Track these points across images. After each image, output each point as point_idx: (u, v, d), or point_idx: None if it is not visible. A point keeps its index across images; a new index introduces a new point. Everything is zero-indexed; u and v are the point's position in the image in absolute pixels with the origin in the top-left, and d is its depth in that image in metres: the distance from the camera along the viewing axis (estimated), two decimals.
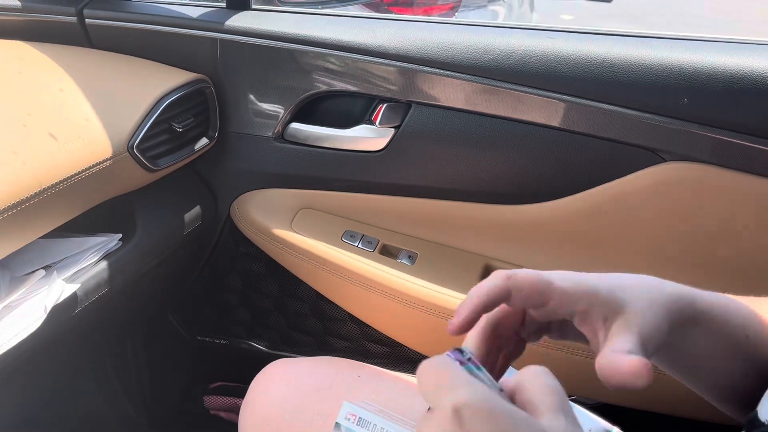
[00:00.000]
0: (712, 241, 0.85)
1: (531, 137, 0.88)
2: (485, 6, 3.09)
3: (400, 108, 0.93)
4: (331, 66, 0.93)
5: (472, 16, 2.91)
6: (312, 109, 0.97)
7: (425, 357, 1.08)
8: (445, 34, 0.90)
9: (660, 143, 0.82)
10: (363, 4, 2.52)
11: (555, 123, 0.86)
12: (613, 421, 0.65)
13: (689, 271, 0.88)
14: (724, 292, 0.87)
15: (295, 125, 0.98)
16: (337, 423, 0.67)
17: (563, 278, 0.42)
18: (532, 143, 0.88)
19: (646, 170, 0.83)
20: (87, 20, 0.98)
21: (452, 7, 2.78)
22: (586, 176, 0.87)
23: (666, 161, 0.83)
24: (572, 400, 0.67)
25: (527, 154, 0.89)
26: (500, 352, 0.46)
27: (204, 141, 0.97)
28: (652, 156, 0.83)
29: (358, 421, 0.66)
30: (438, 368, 0.34)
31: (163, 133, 0.89)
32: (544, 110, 0.85)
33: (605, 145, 0.85)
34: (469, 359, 0.37)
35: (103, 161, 0.80)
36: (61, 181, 0.73)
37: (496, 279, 0.41)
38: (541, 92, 0.85)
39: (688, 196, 0.83)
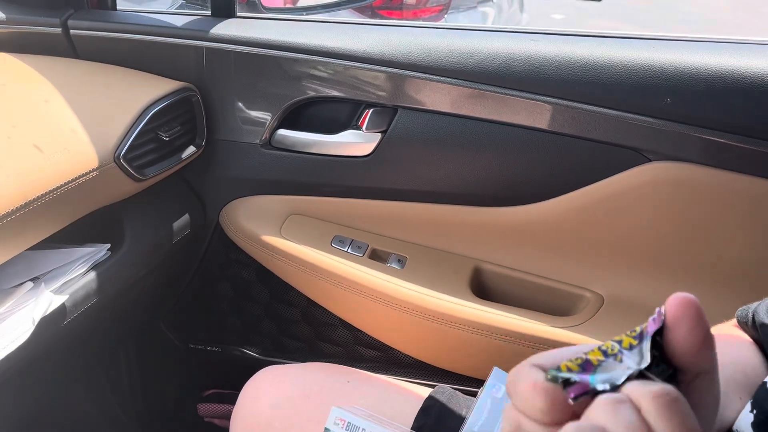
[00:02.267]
0: (696, 239, 0.86)
1: (516, 140, 0.88)
2: (475, 7, 3.10)
3: (387, 113, 0.93)
4: (316, 72, 0.93)
5: (461, 18, 2.92)
6: (299, 116, 0.98)
7: (417, 360, 1.08)
8: (429, 39, 0.91)
9: (644, 143, 0.83)
10: (352, 8, 2.53)
11: (540, 125, 0.86)
12: None
13: (675, 270, 0.88)
14: (708, 288, 0.88)
15: (282, 132, 0.98)
16: (326, 428, 0.67)
17: None
18: (518, 145, 0.88)
19: (632, 170, 0.84)
20: (72, 31, 0.98)
21: (441, 9, 2.79)
22: (572, 177, 0.87)
23: (651, 161, 0.83)
24: None
25: (513, 156, 0.89)
26: None
27: (191, 149, 0.97)
28: (637, 156, 0.84)
29: (347, 425, 0.67)
30: None
31: (150, 142, 0.90)
32: (528, 112, 0.86)
33: (590, 146, 0.85)
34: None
35: (90, 172, 0.80)
36: (47, 193, 0.73)
37: None
38: (525, 95, 0.85)
39: (674, 196, 0.84)
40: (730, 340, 0.55)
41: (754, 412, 0.44)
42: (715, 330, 0.56)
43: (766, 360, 0.53)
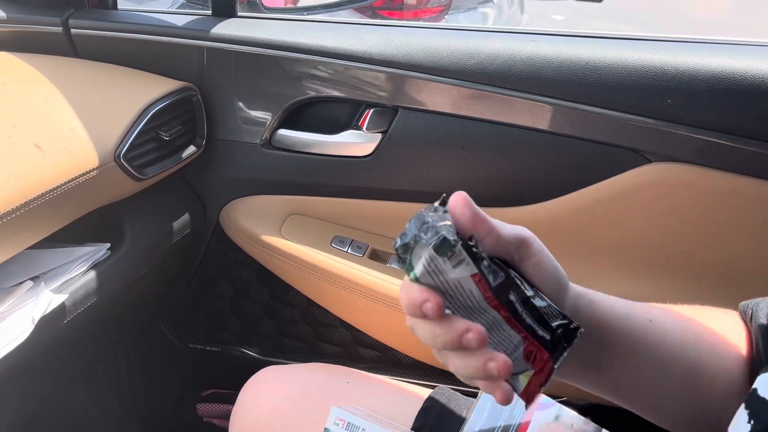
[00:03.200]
0: (697, 240, 0.86)
1: (517, 140, 0.88)
2: (475, 8, 3.10)
3: (387, 113, 0.93)
4: (317, 72, 0.93)
5: (461, 19, 2.93)
6: (299, 116, 0.98)
7: (416, 361, 1.08)
8: (430, 39, 0.91)
9: (644, 144, 0.83)
10: (353, 9, 2.53)
11: (541, 126, 0.86)
12: (603, 423, 0.65)
13: (675, 271, 0.88)
14: (709, 290, 0.88)
15: (282, 132, 0.98)
16: (326, 428, 0.67)
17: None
18: (519, 146, 0.88)
19: (632, 171, 0.84)
20: (72, 30, 0.98)
21: (442, 9, 2.79)
22: (573, 178, 0.87)
23: (651, 162, 0.83)
24: (562, 402, 0.67)
25: (514, 157, 0.89)
26: None
27: (191, 149, 0.97)
28: (637, 157, 0.84)
29: (347, 425, 0.67)
30: None
31: (150, 141, 0.89)
32: (529, 113, 0.86)
33: (591, 147, 0.85)
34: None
35: (90, 171, 0.80)
36: (47, 192, 0.73)
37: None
38: (526, 95, 0.85)
39: (674, 197, 0.84)
40: (690, 318, 0.54)
41: (752, 422, 0.44)
42: (706, 310, 0.55)
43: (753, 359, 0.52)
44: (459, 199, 0.39)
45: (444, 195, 0.40)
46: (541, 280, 0.43)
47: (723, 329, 0.52)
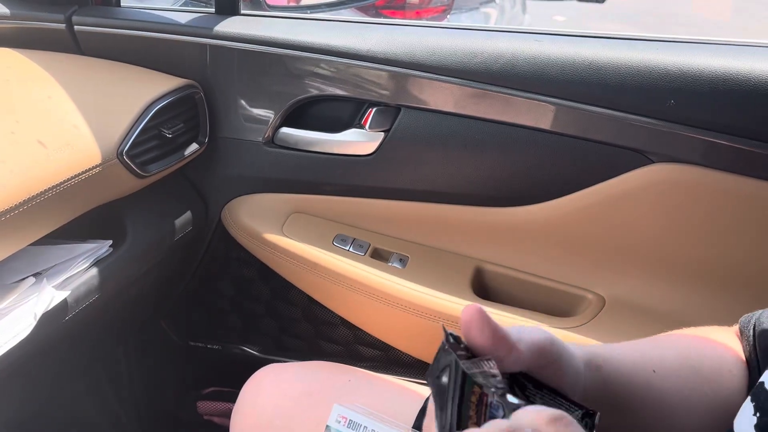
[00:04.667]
0: (699, 242, 0.86)
1: (520, 140, 0.88)
2: (477, 8, 3.10)
3: (390, 112, 0.93)
4: (320, 71, 0.93)
5: (463, 19, 2.92)
6: (302, 114, 0.98)
7: (418, 360, 1.08)
8: (433, 38, 0.91)
9: (647, 145, 0.83)
10: (355, 8, 2.53)
11: (543, 126, 0.86)
12: None
13: (677, 272, 0.88)
14: (711, 291, 0.88)
15: (285, 130, 0.98)
16: (327, 426, 0.68)
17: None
18: (521, 146, 0.88)
19: (634, 172, 0.84)
20: (76, 27, 0.98)
21: (444, 9, 2.79)
22: (575, 178, 0.87)
23: (654, 162, 0.83)
24: None
25: (516, 156, 0.89)
26: None
27: (194, 146, 0.97)
28: (640, 158, 0.83)
29: (349, 423, 0.67)
30: None
31: (153, 139, 0.90)
32: (532, 113, 0.86)
33: (593, 147, 0.85)
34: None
35: (93, 168, 0.80)
36: (50, 189, 0.73)
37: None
38: (529, 95, 0.85)
39: (676, 197, 0.84)
40: (689, 339, 0.54)
41: (758, 415, 0.44)
42: (699, 330, 0.55)
43: (749, 367, 0.52)
44: (474, 316, 0.34)
45: (443, 324, 0.34)
46: (560, 383, 0.40)
47: (721, 358, 0.52)
